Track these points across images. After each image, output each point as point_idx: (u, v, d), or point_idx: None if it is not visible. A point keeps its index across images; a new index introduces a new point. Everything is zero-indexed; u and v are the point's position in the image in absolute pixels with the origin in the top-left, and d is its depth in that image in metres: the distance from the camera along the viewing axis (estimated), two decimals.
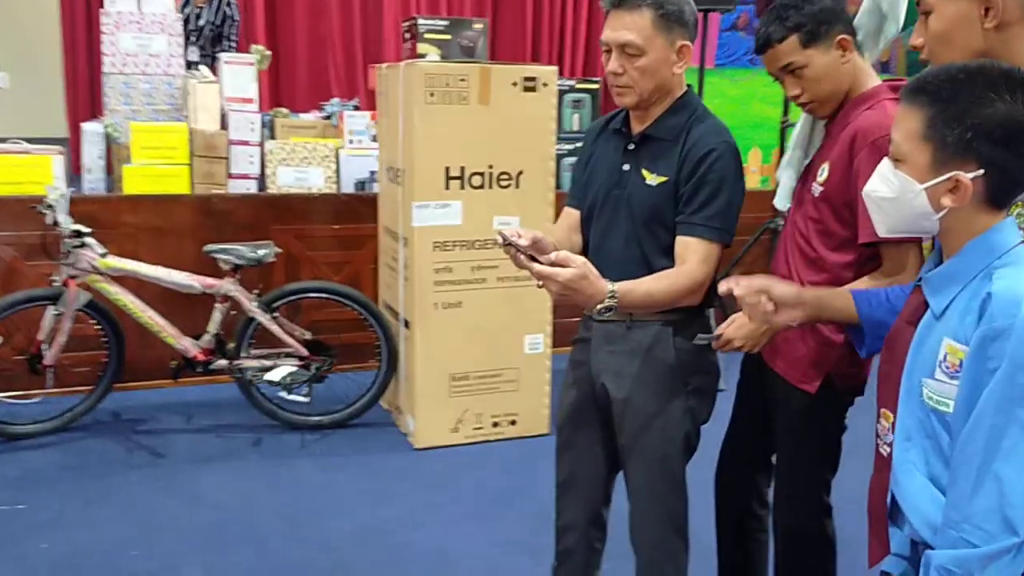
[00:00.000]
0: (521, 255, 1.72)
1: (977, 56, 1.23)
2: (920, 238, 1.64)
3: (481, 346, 3.56)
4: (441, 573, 2.68)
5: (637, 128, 1.90)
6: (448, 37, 4.72)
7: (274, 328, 3.56)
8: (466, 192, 3.43)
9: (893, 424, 1.17)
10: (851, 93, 1.75)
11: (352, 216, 4.33)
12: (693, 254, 1.79)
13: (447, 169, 3.39)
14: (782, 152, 5.00)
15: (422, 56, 4.65)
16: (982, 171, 1.08)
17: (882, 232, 1.20)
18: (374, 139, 4.52)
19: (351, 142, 4.54)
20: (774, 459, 2.01)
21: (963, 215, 1.10)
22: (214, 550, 2.76)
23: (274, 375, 3.50)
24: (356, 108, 4.85)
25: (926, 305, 1.15)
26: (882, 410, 1.21)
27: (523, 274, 3.70)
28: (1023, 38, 1.26)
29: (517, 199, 3.50)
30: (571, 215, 2.05)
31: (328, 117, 4.75)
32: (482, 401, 3.61)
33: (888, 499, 1.18)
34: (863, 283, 1.70)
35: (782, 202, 1.83)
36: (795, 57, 1.73)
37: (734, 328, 1.71)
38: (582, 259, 1.66)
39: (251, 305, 3.51)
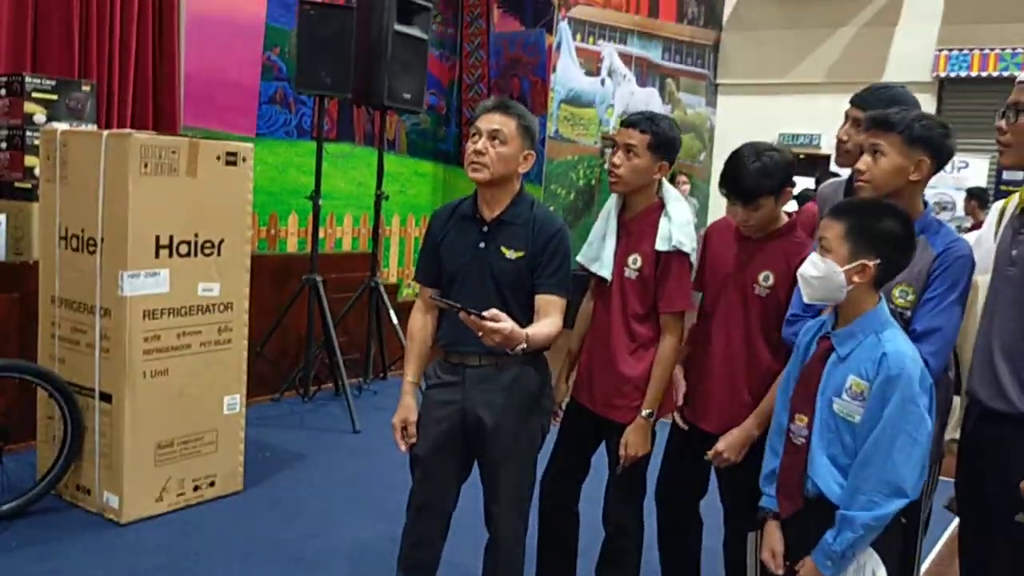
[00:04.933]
0: (464, 312, 2.19)
1: (892, 192, 2.10)
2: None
3: (184, 411, 3.61)
4: None
5: (489, 215, 2.49)
6: (55, 97, 4.51)
7: None
8: (174, 260, 3.50)
9: (807, 424, 2.00)
10: (646, 195, 2.59)
11: None
12: (554, 308, 2.44)
13: (157, 238, 3.43)
14: (376, 222, 5.71)
15: (30, 115, 4.41)
16: (878, 260, 1.92)
17: (807, 300, 2.01)
18: None
19: None
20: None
21: (860, 291, 1.93)
22: None
23: None
24: None
25: (831, 350, 1.99)
26: (796, 415, 2.03)
27: (222, 337, 3.93)
28: (919, 193, 2.19)
29: (219, 266, 3.66)
30: (429, 290, 2.57)
31: None
32: (184, 466, 3.64)
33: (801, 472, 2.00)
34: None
35: (609, 272, 2.58)
36: (639, 146, 2.47)
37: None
38: (499, 313, 2.21)
39: None
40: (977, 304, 2.30)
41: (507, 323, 2.18)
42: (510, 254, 2.46)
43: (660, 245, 2.50)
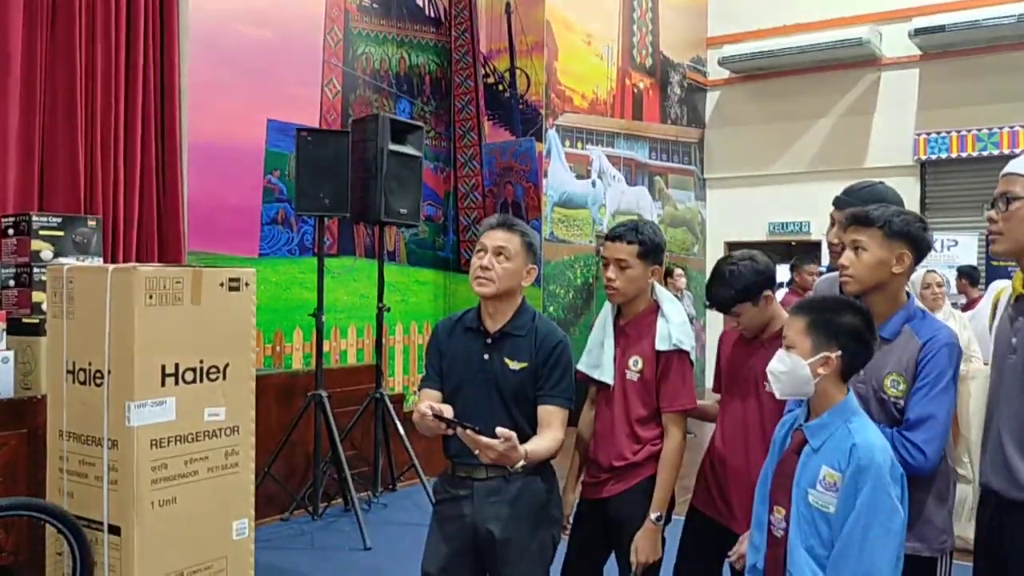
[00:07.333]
0: (460, 427, 2.23)
1: (876, 285, 2.18)
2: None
3: (193, 539, 3.59)
4: None
5: (493, 327, 2.56)
6: (62, 233, 4.64)
7: None
8: (180, 387, 3.55)
9: (785, 515, 2.02)
10: (641, 299, 2.67)
11: None
12: (556, 419, 2.48)
13: (163, 367, 3.49)
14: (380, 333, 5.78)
15: (37, 252, 4.53)
16: (840, 352, 2.00)
17: (778, 395, 2.07)
18: None
19: None
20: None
21: (827, 384, 1.99)
22: None
23: None
24: None
25: (805, 442, 2.03)
26: (775, 506, 2.05)
27: (229, 461, 3.95)
28: (903, 285, 2.25)
29: (224, 390, 3.71)
30: (431, 394, 2.59)
31: None
32: None
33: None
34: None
35: (611, 377, 2.63)
36: (629, 258, 2.57)
37: None
38: (509, 432, 2.25)
39: None
40: (970, 391, 2.34)
41: (501, 441, 2.20)
42: (514, 365, 2.52)
43: (660, 345, 2.56)
